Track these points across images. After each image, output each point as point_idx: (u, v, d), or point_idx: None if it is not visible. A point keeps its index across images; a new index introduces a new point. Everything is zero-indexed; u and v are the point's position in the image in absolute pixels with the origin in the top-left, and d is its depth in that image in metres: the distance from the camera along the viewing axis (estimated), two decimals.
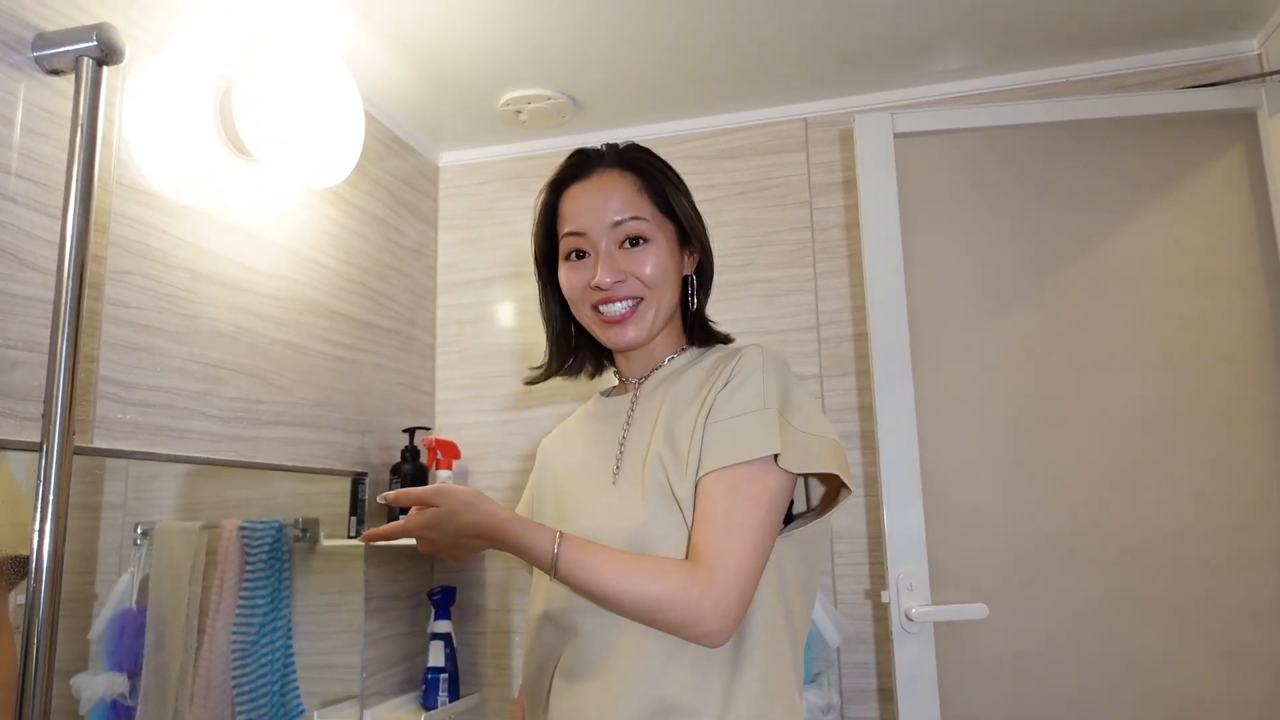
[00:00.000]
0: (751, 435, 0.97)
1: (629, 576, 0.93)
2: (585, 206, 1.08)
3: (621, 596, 0.93)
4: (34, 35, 1.19)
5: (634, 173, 1.10)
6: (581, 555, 0.95)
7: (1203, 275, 1.88)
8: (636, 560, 0.95)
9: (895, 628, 1.71)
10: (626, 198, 1.08)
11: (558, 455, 1.20)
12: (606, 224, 1.07)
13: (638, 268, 1.06)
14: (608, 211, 1.07)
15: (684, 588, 0.92)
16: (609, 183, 1.09)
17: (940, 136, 1.95)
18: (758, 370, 1.02)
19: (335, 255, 1.88)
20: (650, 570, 0.94)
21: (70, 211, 1.14)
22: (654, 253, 1.07)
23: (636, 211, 1.07)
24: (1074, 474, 1.88)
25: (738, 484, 0.96)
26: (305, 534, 1.74)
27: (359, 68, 1.90)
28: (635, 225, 1.06)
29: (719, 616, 0.92)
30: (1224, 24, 1.86)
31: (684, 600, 0.91)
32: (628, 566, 0.94)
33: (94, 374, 1.26)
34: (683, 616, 0.92)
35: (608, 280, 1.05)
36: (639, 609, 0.93)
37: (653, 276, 1.06)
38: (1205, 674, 1.77)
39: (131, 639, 1.32)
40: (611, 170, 1.10)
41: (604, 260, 1.06)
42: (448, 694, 1.95)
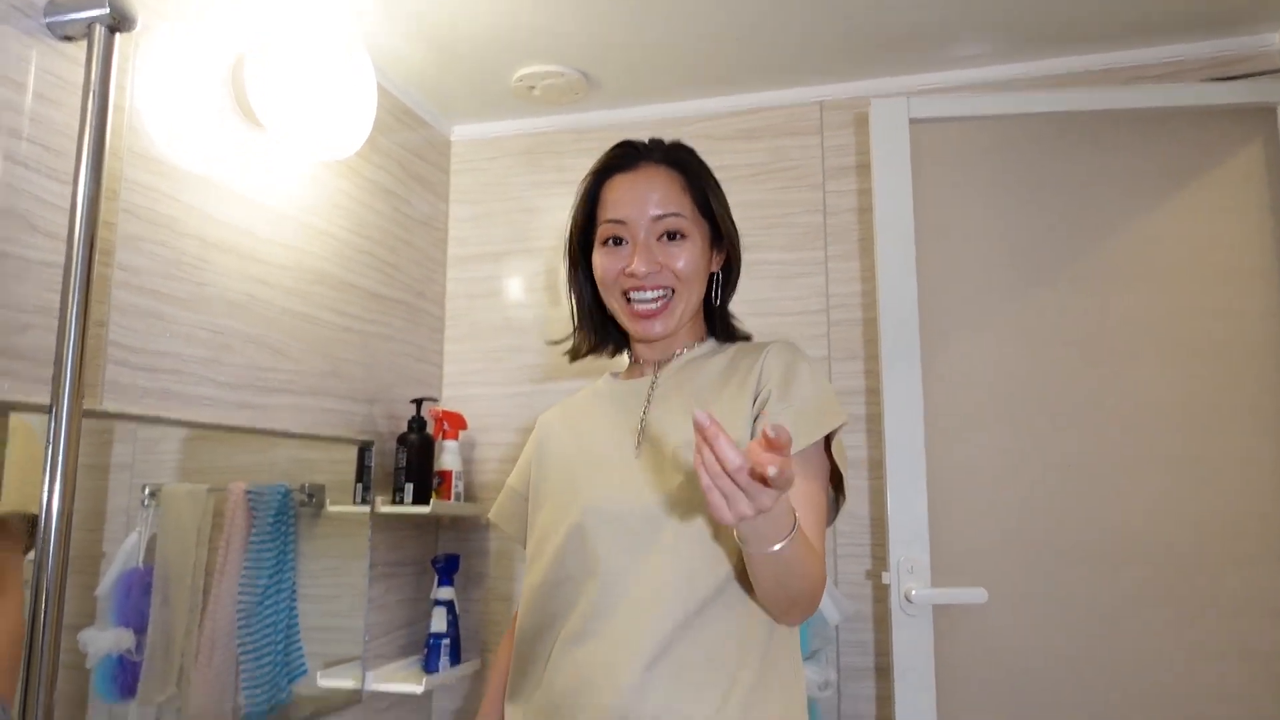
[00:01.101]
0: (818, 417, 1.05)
1: (816, 567, 0.97)
2: (629, 197, 1.14)
3: (805, 584, 0.96)
4: (46, 1, 1.19)
5: (679, 170, 1.16)
6: (803, 535, 0.94)
7: (1217, 269, 1.87)
8: (812, 560, 0.97)
9: (894, 609, 1.72)
10: (670, 193, 1.13)
11: (566, 430, 1.22)
12: (648, 216, 1.12)
13: (673, 261, 1.11)
14: (650, 204, 1.12)
15: (823, 573, 1.00)
16: (654, 176, 1.14)
17: (955, 123, 1.94)
18: (802, 360, 1.10)
19: (346, 226, 1.89)
20: (819, 563, 0.99)
21: (81, 177, 1.15)
22: (689, 248, 1.12)
23: (678, 208, 1.13)
24: (1080, 464, 1.88)
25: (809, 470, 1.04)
26: (311, 499, 1.77)
27: (372, 41, 1.90)
28: (675, 221, 1.12)
29: (816, 606, 1.02)
30: (1245, 17, 1.83)
31: (823, 583, 1.00)
32: (814, 556, 0.98)
33: (103, 338, 1.28)
34: (817, 600, 1.00)
35: (642, 269, 1.10)
36: (808, 594, 0.98)
37: (685, 271, 1.12)
38: (1203, 666, 1.78)
39: (138, 597, 1.35)
40: (658, 165, 1.16)
41: (642, 250, 1.11)
42: (449, 658, 1.98)
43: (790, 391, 1.06)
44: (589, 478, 1.12)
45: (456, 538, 2.24)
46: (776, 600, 0.97)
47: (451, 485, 2.01)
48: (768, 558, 0.89)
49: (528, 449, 1.29)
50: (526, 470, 1.27)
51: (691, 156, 1.19)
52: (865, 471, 2.01)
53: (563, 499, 1.14)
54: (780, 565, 0.91)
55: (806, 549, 0.94)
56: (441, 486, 2.00)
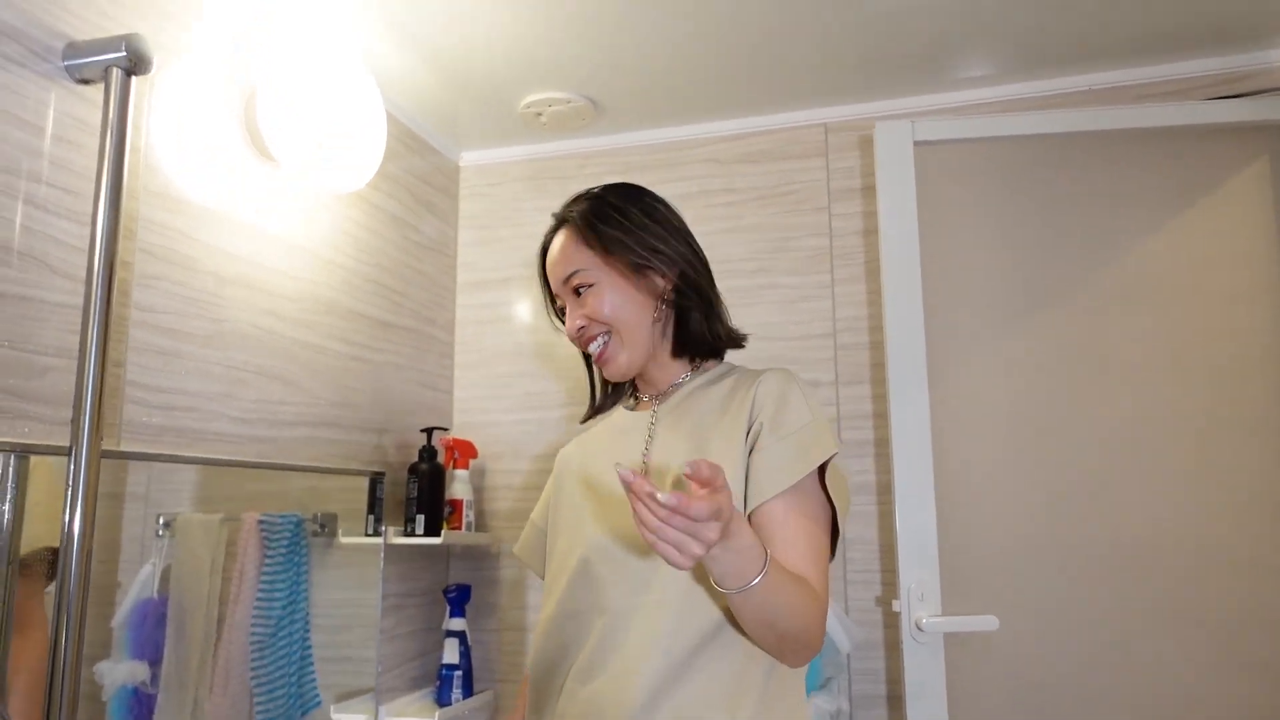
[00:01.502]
0: (802, 452, 1.05)
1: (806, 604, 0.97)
2: (549, 269, 1.24)
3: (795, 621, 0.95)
4: (64, 44, 1.21)
5: (570, 227, 1.21)
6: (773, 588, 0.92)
7: (1223, 289, 1.87)
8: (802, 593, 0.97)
9: (905, 636, 1.72)
10: (566, 254, 1.20)
11: (579, 464, 1.24)
12: (559, 281, 1.21)
13: (593, 310, 1.16)
14: (558, 270, 1.20)
15: (821, 612, 0.99)
16: (556, 246, 1.22)
17: (960, 145, 1.95)
18: (795, 389, 1.10)
19: (355, 255, 1.90)
20: (812, 600, 0.98)
21: (100, 219, 1.16)
22: (600, 293, 1.16)
23: (575, 265, 1.18)
24: (1089, 486, 1.87)
25: (794, 507, 1.03)
26: (324, 529, 1.77)
27: (381, 69, 1.92)
28: (577, 277, 1.18)
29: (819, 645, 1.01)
30: (1251, 34, 1.84)
31: (821, 622, 0.99)
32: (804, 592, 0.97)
33: (121, 378, 1.29)
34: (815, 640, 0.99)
35: (573, 329, 1.19)
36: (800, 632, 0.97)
37: (609, 313, 1.16)
38: (1220, 687, 1.77)
39: (153, 628, 1.35)
40: (560, 232, 1.23)
41: (569, 312, 1.21)
42: (462, 690, 1.98)
43: (781, 423, 1.06)
44: (595, 513, 1.14)
45: (468, 567, 2.24)
46: (766, 640, 0.98)
47: (463, 515, 2.01)
48: (745, 596, 0.90)
49: (548, 483, 1.31)
50: (546, 505, 1.30)
51: (591, 206, 1.20)
52: (874, 496, 2.01)
53: (573, 533, 1.16)
54: (761, 603, 0.92)
55: (792, 586, 0.95)
56: (452, 516, 2.01)
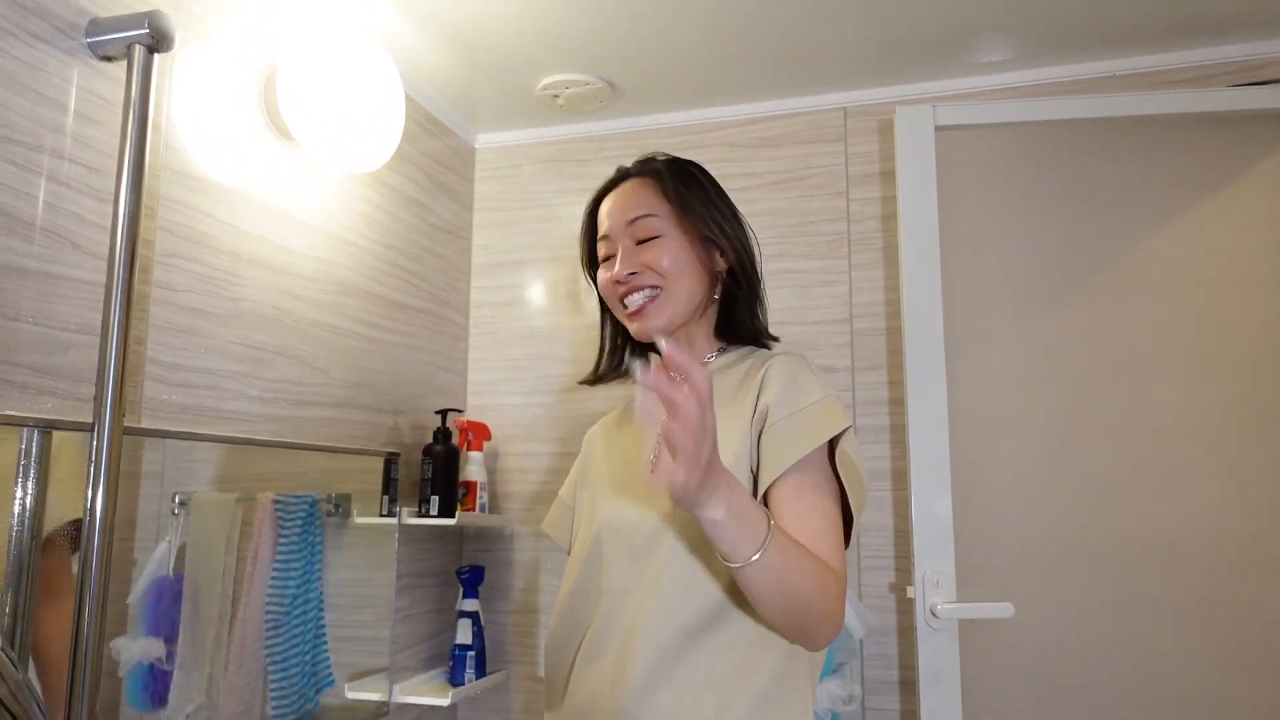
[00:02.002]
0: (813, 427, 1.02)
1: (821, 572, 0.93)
2: (608, 212, 1.18)
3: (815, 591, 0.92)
4: (88, 21, 1.20)
5: (653, 177, 1.18)
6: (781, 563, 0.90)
7: (1245, 279, 1.86)
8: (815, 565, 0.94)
9: (920, 623, 1.72)
10: (642, 198, 1.16)
11: (603, 444, 1.25)
12: (623, 222, 1.15)
13: (652, 259, 1.12)
14: (625, 212, 1.16)
15: (839, 591, 0.95)
16: (630, 188, 1.18)
17: (980, 130, 1.93)
18: (805, 370, 1.08)
19: (371, 237, 1.90)
20: (826, 569, 0.94)
21: (122, 197, 1.16)
22: (666, 245, 1.13)
23: (649, 209, 1.14)
24: (1105, 475, 1.87)
25: (805, 485, 1.01)
26: (338, 509, 1.78)
27: (398, 50, 1.91)
28: (648, 222, 1.14)
29: (841, 619, 0.96)
30: (1275, 20, 1.82)
31: (839, 603, 0.95)
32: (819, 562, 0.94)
33: (142, 355, 1.29)
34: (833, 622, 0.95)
35: (623, 273, 1.13)
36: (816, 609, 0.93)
37: (669, 267, 1.12)
38: (1233, 683, 1.77)
39: (169, 605, 1.36)
40: (631, 180, 1.20)
41: (622, 256, 1.14)
42: (474, 671, 1.99)
43: (789, 401, 1.04)
44: (609, 492, 1.15)
45: (481, 549, 2.25)
46: (790, 616, 0.93)
47: (476, 496, 2.02)
48: (759, 567, 0.88)
49: (576, 463, 1.32)
50: (573, 483, 1.31)
51: (672, 164, 1.20)
52: (889, 482, 2.00)
53: (591, 513, 1.17)
54: (777, 572, 0.89)
55: (804, 552, 0.93)
56: (466, 498, 2.01)
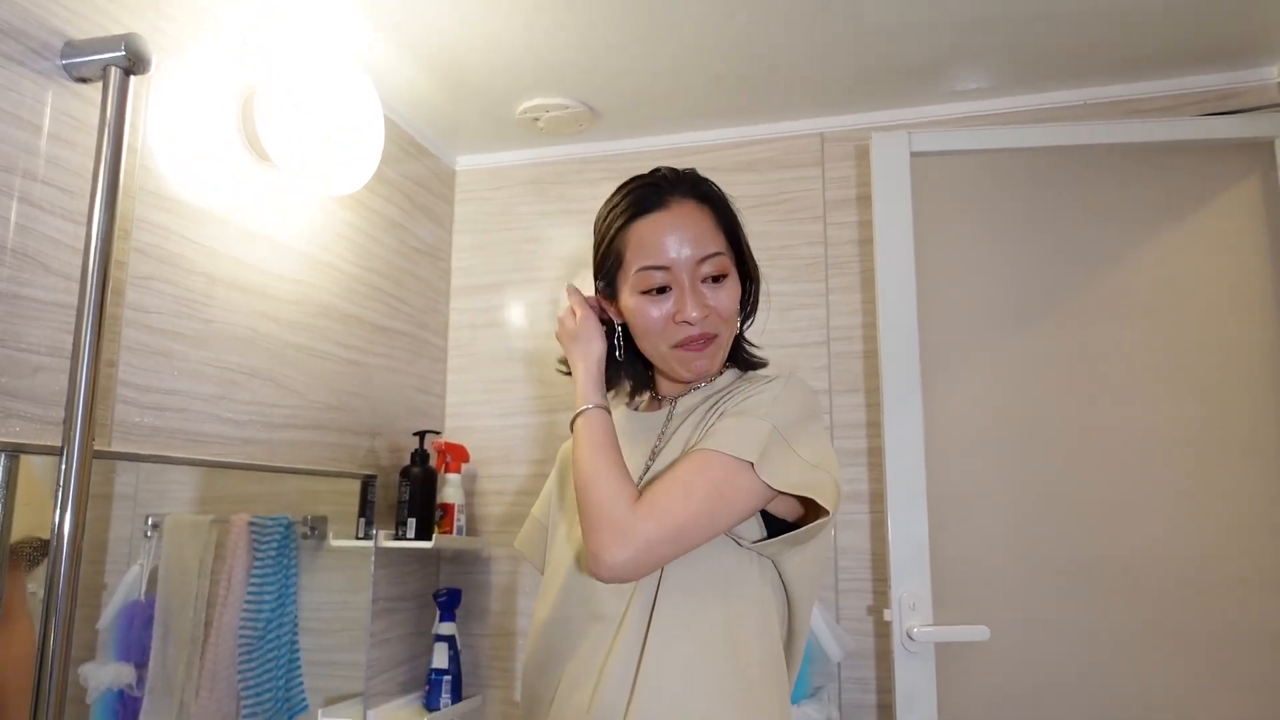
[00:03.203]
0: (741, 435, 0.99)
1: (605, 468, 1.00)
2: (668, 239, 1.07)
3: (587, 476, 1.00)
4: (63, 43, 1.20)
5: (709, 205, 1.10)
6: (591, 430, 1.04)
7: (1215, 303, 1.88)
8: (619, 466, 1.01)
9: (896, 646, 1.72)
10: (709, 232, 1.08)
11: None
12: (693, 259, 1.06)
13: (720, 304, 1.07)
14: (692, 247, 1.06)
15: (625, 507, 0.96)
16: (689, 215, 1.08)
17: (956, 156, 1.96)
18: (778, 388, 1.05)
19: (350, 259, 1.90)
20: (620, 479, 0.99)
21: (95, 218, 1.16)
22: (731, 288, 1.09)
23: (718, 247, 1.08)
24: (1080, 497, 1.88)
25: (709, 463, 0.98)
26: (314, 532, 1.76)
27: (378, 73, 1.92)
28: (718, 261, 1.07)
29: (620, 548, 0.94)
30: (1244, 51, 1.86)
31: (614, 515, 0.96)
32: (610, 463, 1.01)
33: (114, 378, 1.28)
34: (604, 532, 0.96)
35: (695, 315, 1.05)
36: (587, 496, 0.99)
37: (729, 311, 1.09)
38: (1207, 700, 1.78)
39: (140, 630, 1.34)
40: (689, 202, 1.09)
41: (691, 296, 1.05)
42: (450, 695, 1.97)
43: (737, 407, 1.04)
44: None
45: (458, 572, 2.23)
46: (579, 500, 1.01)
47: (454, 519, 2.01)
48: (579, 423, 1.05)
49: (550, 479, 1.28)
50: (547, 500, 1.27)
51: (717, 188, 1.14)
52: (866, 505, 2.01)
53: (569, 534, 1.14)
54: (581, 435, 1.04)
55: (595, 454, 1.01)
56: (444, 520, 2.00)
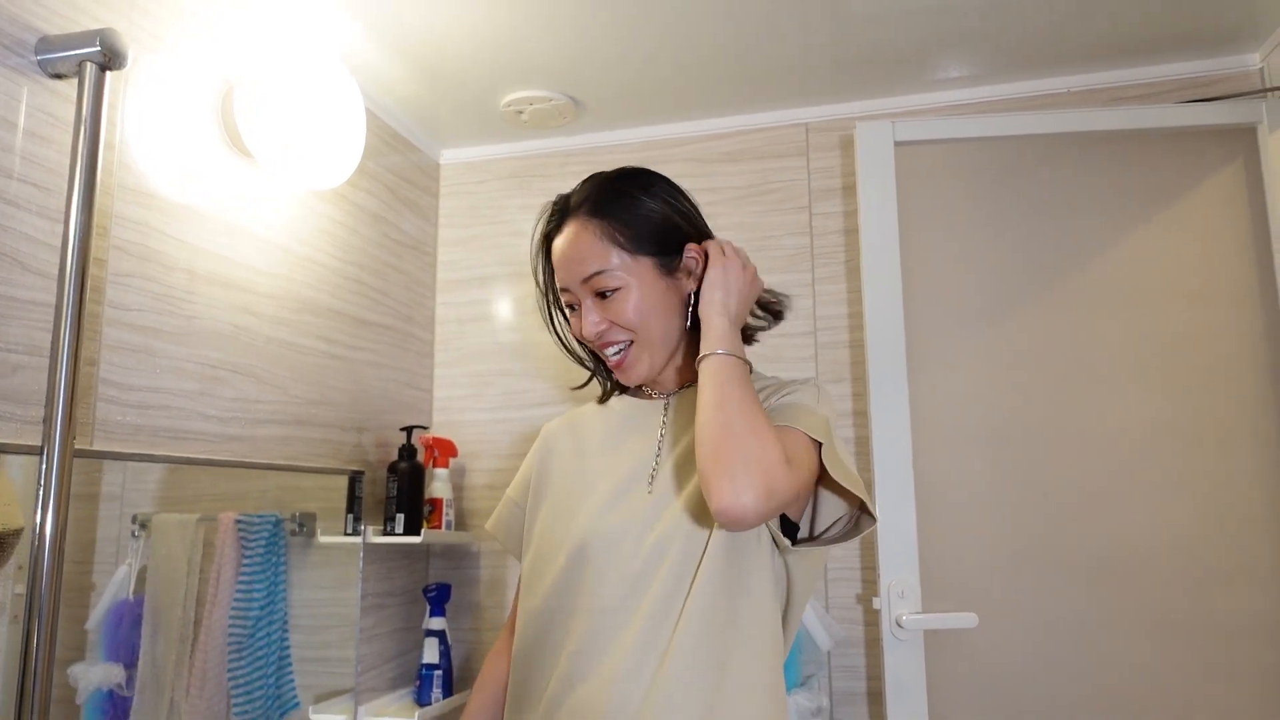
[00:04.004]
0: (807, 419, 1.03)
1: (761, 416, 0.96)
2: (560, 264, 1.12)
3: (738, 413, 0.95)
4: (37, 39, 1.19)
5: (597, 219, 1.09)
6: (744, 378, 0.99)
7: (1199, 290, 1.89)
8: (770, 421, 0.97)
9: (886, 634, 1.73)
10: (591, 250, 1.08)
11: (572, 445, 1.18)
12: (578, 280, 1.09)
13: (616, 315, 1.08)
14: (578, 267, 1.09)
15: (781, 462, 0.93)
16: (574, 237, 1.10)
17: (940, 145, 1.96)
18: (814, 391, 1.10)
19: (333, 253, 1.89)
20: (773, 431, 0.96)
21: (72, 216, 1.14)
22: (627, 296, 1.08)
23: (598, 264, 1.08)
24: (1067, 485, 1.89)
25: (803, 443, 1.01)
26: (302, 528, 1.76)
27: (361, 67, 1.91)
28: (600, 280, 1.08)
29: (770, 495, 0.91)
30: (1226, 38, 1.86)
31: (774, 458, 0.93)
32: (763, 414, 0.97)
33: (94, 377, 1.27)
34: (758, 468, 0.92)
35: (591, 333, 1.10)
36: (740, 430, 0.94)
37: (634, 319, 1.08)
38: (1192, 687, 1.79)
39: (128, 630, 1.34)
40: (576, 220, 1.11)
41: (586, 313, 1.10)
42: (441, 690, 1.97)
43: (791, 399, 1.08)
44: (596, 502, 1.08)
45: (448, 566, 2.23)
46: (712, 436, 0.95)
47: (442, 514, 2.01)
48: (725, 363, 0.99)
49: (529, 458, 1.24)
50: (527, 481, 1.23)
51: (611, 190, 1.12)
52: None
53: (564, 521, 1.10)
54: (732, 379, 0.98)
55: (758, 406, 0.97)
56: (432, 515, 2.00)
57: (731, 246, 1.10)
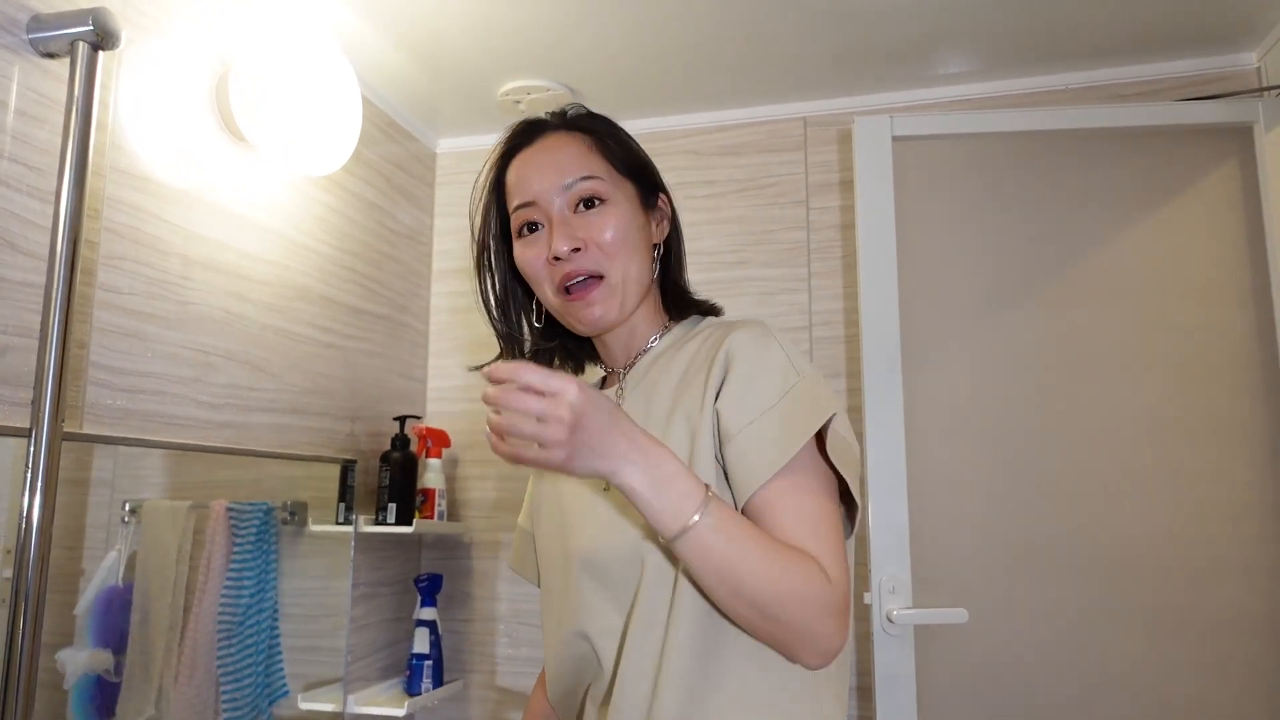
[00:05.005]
0: (791, 423, 0.86)
1: (787, 569, 0.79)
2: (532, 172, 0.98)
3: (770, 588, 0.78)
4: (29, 17, 1.18)
5: (582, 131, 1.00)
6: (721, 536, 0.78)
7: (1194, 287, 1.89)
8: (777, 549, 0.80)
9: (876, 629, 1.72)
10: (577, 156, 0.97)
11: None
12: (557, 187, 0.96)
13: (596, 232, 0.95)
14: (558, 174, 0.96)
15: (823, 584, 0.79)
16: (556, 144, 0.99)
17: (937, 140, 1.96)
18: (770, 347, 0.91)
19: (328, 241, 1.88)
20: (800, 567, 0.80)
21: (64, 196, 1.14)
22: (613, 213, 0.96)
23: (588, 170, 0.97)
24: (1059, 481, 1.89)
25: (794, 487, 0.85)
26: (294, 517, 1.75)
27: (358, 54, 1.90)
28: (589, 185, 0.96)
29: (842, 623, 0.80)
30: (1224, 36, 1.86)
31: (824, 599, 0.79)
32: (785, 556, 0.80)
33: (85, 360, 1.26)
34: (821, 621, 0.79)
35: (564, 248, 0.94)
36: (774, 610, 0.79)
37: (614, 241, 0.95)
38: (1183, 682, 1.79)
39: (117, 616, 1.33)
40: (558, 132, 1.01)
41: (558, 228, 0.95)
42: (431, 680, 1.97)
43: (759, 393, 0.87)
44: (572, 519, 0.99)
45: (439, 557, 2.23)
46: (739, 614, 0.81)
47: (435, 504, 2.00)
48: (693, 545, 0.78)
49: (529, 483, 1.16)
50: (530, 502, 1.16)
51: (597, 117, 1.03)
52: None
53: (556, 542, 1.03)
54: (716, 556, 0.78)
55: (762, 541, 0.80)
56: (425, 505, 1.99)
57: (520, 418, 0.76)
